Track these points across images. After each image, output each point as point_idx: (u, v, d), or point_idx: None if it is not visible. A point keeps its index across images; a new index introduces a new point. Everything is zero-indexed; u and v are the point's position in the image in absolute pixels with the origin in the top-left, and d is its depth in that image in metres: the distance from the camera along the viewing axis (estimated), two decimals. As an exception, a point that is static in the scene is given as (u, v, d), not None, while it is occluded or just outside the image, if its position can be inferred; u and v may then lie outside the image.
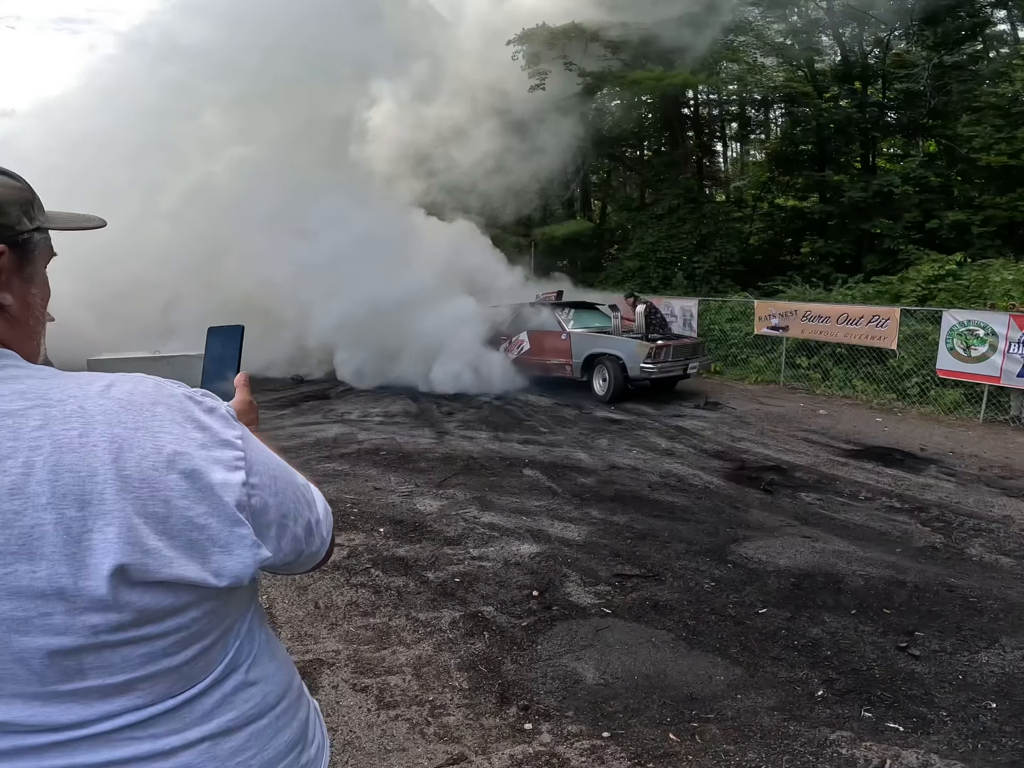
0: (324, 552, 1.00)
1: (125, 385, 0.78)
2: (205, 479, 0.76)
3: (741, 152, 27.04)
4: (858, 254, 16.68)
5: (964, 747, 2.70)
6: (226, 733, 0.84)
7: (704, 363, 11.31)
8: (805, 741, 2.73)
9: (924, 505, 5.67)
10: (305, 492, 0.95)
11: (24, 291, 0.85)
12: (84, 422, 0.73)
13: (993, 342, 8.87)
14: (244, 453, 0.81)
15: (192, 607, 0.78)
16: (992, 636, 3.56)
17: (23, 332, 0.85)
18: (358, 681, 3.13)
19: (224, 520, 0.77)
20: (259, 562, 0.81)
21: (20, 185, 0.85)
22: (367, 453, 7.21)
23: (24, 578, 0.68)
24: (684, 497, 5.84)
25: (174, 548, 0.74)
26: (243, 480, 0.79)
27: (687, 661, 3.33)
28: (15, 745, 0.72)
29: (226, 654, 0.87)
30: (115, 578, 0.70)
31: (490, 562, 4.47)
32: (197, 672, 0.82)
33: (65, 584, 0.69)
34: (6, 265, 0.81)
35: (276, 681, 0.94)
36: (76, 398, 0.74)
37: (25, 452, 0.70)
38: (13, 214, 0.82)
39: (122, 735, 0.77)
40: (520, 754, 2.64)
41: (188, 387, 0.84)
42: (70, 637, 0.71)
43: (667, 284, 17.74)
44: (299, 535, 0.90)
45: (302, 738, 0.97)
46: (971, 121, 14.53)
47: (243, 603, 0.91)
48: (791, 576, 4.28)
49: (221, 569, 0.77)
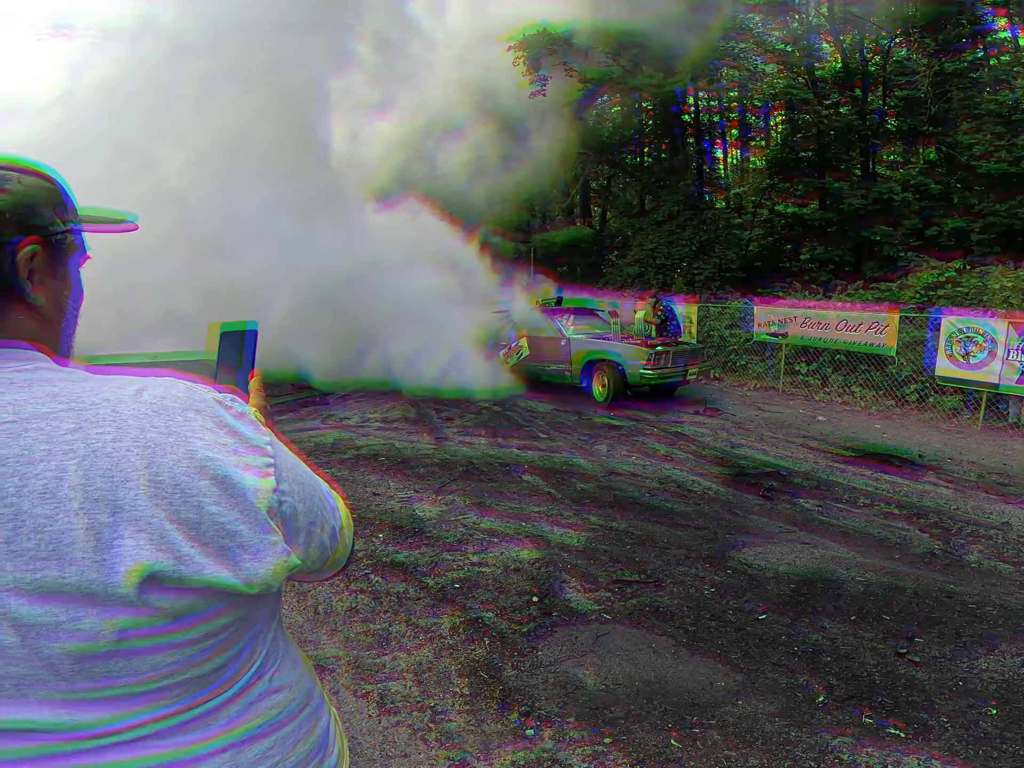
0: (346, 558, 1.01)
1: (157, 389, 0.79)
2: (237, 485, 0.76)
3: (741, 158, 27.11)
4: (857, 261, 16.71)
5: (965, 752, 2.70)
6: (250, 740, 0.84)
7: (703, 368, 11.29)
8: (807, 747, 2.73)
9: (922, 511, 5.68)
10: (328, 499, 0.95)
11: (57, 291, 0.85)
12: (117, 426, 0.73)
13: (991, 348, 8.89)
14: (274, 459, 0.81)
15: (221, 614, 0.78)
16: (991, 642, 3.56)
17: (55, 332, 0.86)
18: (359, 687, 3.13)
19: (255, 526, 0.77)
20: (289, 569, 0.81)
21: (50, 185, 0.86)
22: (366, 458, 7.21)
23: (54, 583, 0.68)
24: (683, 502, 5.85)
25: (206, 554, 0.74)
26: (274, 486, 0.79)
27: (688, 667, 3.34)
28: (42, 747, 0.72)
29: (253, 662, 0.86)
30: (145, 584, 0.70)
31: (490, 567, 4.47)
32: (225, 679, 0.82)
33: (95, 590, 0.69)
34: (39, 264, 0.81)
35: (300, 688, 0.94)
36: (109, 402, 0.75)
37: (59, 456, 0.70)
38: (46, 214, 0.83)
39: (148, 741, 0.76)
40: (522, 759, 2.64)
41: (217, 391, 0.85)
42: (99, 642, 0.71)
43: (667, 290, 17.75)
44: (325, 541, 0.90)
45: (323, 746, 0.97)
46: (971, 128, 14.57)
47: (270, 610, 0.91)
48: (791, 582, 4.29)
49: (252, 576, 0.77)
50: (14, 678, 0.70)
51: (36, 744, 0.72)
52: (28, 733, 0.72)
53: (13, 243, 0.78)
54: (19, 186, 0.81)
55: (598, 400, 10.50)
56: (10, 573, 0.68)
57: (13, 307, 0.80)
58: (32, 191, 0.82)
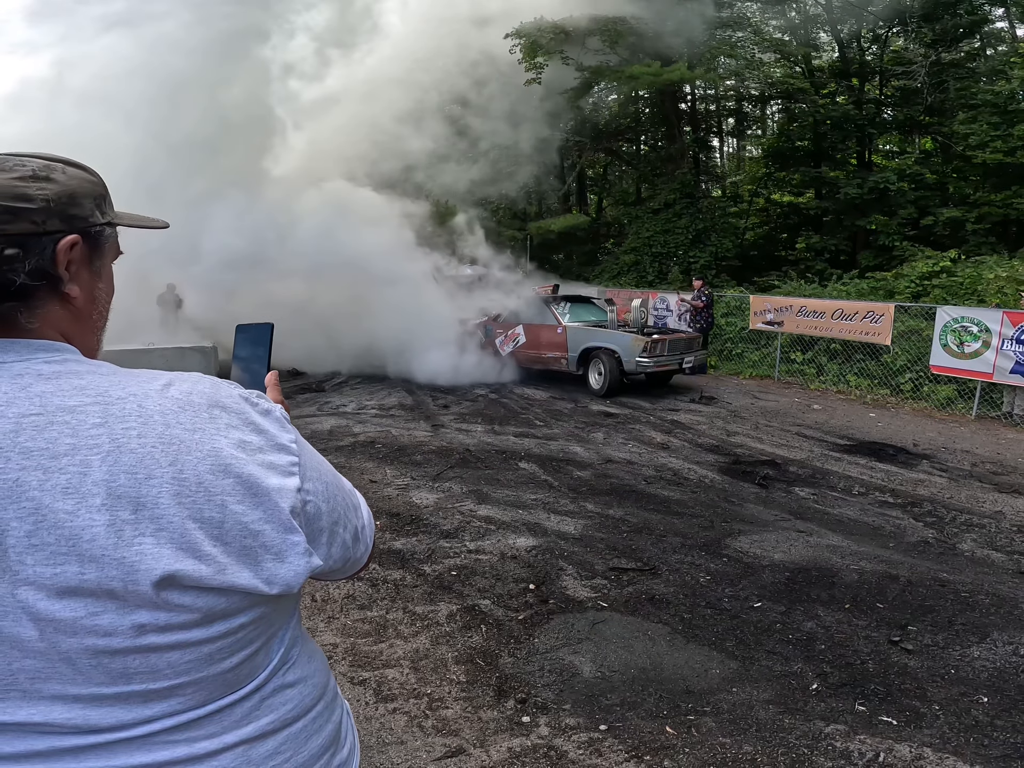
0: (366, 558, 1.00)
1: (183, 385, 0.78)
2: (261, 484, 0.75)
3: (738, 148, 27.07)
4: (853, 250, 16.75)
5: (956, 740, 2.73)
6: (262, 737, 0.84)
7: (700, 358, 11.28)
8: (800, 734, 2.75)
9: (917, 500, 5.71)
10: (351, 497, 0.94)
11: (92, 284, 0.85)
12: (143, 422, 0.72)
13: (986, 339, 8.92)
14: (299, 458, 0.81)
15: (241, 613, 0.77)
16: (984, 631, 3.59)
17: (86, 326, 0.85)
18: (356, 674, 3.14)
19: (278, 527, 0.76)
20: (311, 570, 0.80)
21: (94, 179, 0.86)
22: (363, 446, 7.21)
23: (73, 579, 0.68)
24: (679, 491, 5.87)
25: (228, 554, 0.73)
26: (298, 486, 0.79)
27: (683, 655, 3.36)
28: (53, 746, 0.72)
29: (270, 660, 0.86)
30: (165, 583, 0.70)
31: (487, 555, 4.48)
32: (241, 678, 0.82)
33: (115, 587, 0.69)
34: (77, 256, 0.80)
35: (313, 683, 0.94)
36: (136, 396, 0.74)
37: (84, 451, 0.69)
38: (87, 206, 0.82)
39: (159, 739, 0.76)
40: (518, 747, 2.66)
41: (243, 388, 0.84)
42: (118, 639, 0.70)
43: (663, 279, 17.76)
44: (347, 541, 0.90)
45: (335, 741, 0.96)
46: (967, 118, 14.57)
47: (289, 609, 0.90)
48: (786, 570, 4.31)
49: (273, 577, 0.77)
50: (30, 671, 0.70)
51: (47, 743, 0.72)
52: (39, 732, 0.72)
53: (54, 232, 0.77)
54: (63, 176, 0.81)
55: (594, 389, 10.51)
56: (31, 567, 0.67)
57: (49, 297, 0.79)
58: (75, 183, 0.82)
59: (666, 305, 14.34)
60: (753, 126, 24.16)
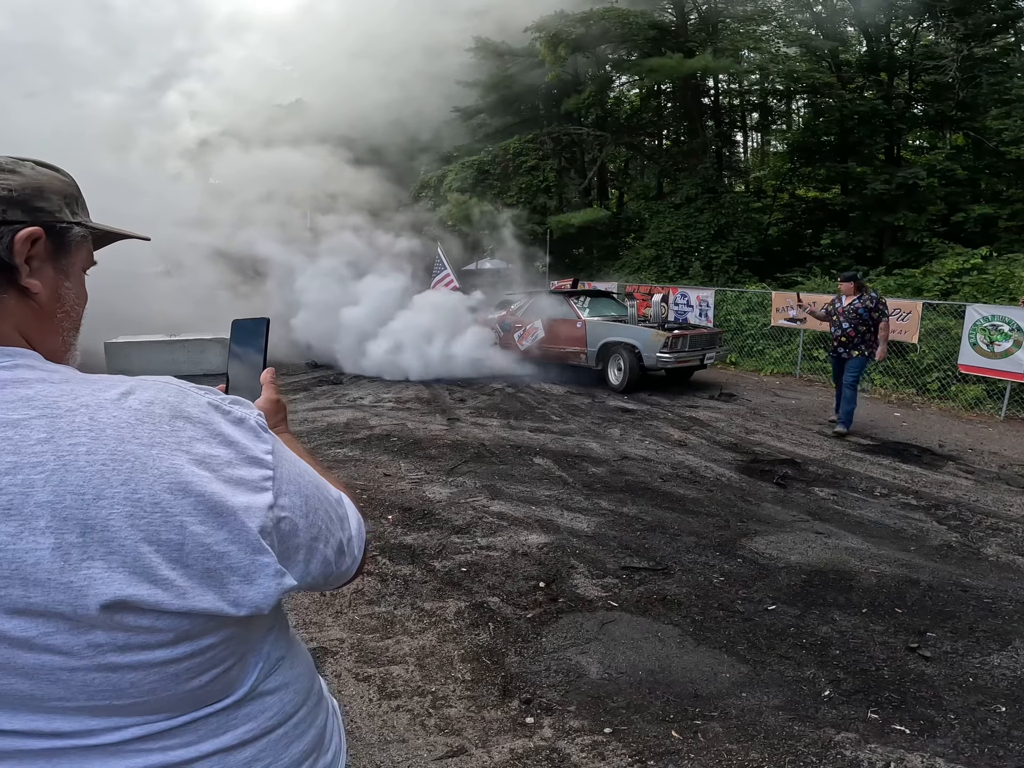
0: (355, 570, 0.95)
1: (144, 393, 0.72)
2: (226, 503, 0.70)
3: (761, 142, 26.73)
4: (880, 247, 16.45)
5: (970, 751, 2.65)
6: (240, 745, 0.81)
7: (721, 354, 11.19)
8: (809, 742, 2.68)
9: (941, 503, 5.58)
10: (337, 508, 0.89)
11: (57, 282, 0.81)
12: (93, 436, 0.67)
13: (1018, 338, 8.70)
14: (273, 471, 0.76)
15: (208, 634, 0.73)
16: (1006, 638, 3.49)
17: (49, 325, 0.81)
18: (361, 670, 3.12)
19: (245, 547, 0.72)
20: (283, 591, 0.76)
21: (66, 179, 0.85)
22: (378, 439, 7.21)
23: (20, 602, 0.64)
24: (695, 489, 5.79)
25: (189, 577, 0.69)
26: (270, 503, 0.74)
27: (693, 657, 3.30)
28: (21, 747, 0.70)
29: (247, 676, 0.82)
30: (117, 607, 0.66)
31: (498, 552, 4.45)
32: (215, 694, 0.78)
33: (64, 610, 0.65)
34: (40, 251, 0.78)
35: (296, 689, 0.90)
36: (87, 408, 0.69)
37: (26, 469, 0.65)
38: (55, 201, 0.81)
39: (132, 746, 0.73)
40: (520, 748, 2.62)
41: (216, 393, 0.79)
42: (75, 658, 0.67)
43: (684, 274, 17.59)
44: (329, 557, 0.85)
45: (318, 745, 0.93)
46: (1000, 114, 14.24)
47: (266, 624, 0.86)
48: (802, 572, 4.23)
49: (240, 599, 0.72)
50: None
51: (15, 744, 0.70)
52: (5, 735, 0.69)
53: (14, 223, 0.75)
54: (31, 172, 0.80)
55: (613, 384, 10.43)
56: None
57: (6, 288, 0.76)
58: (44, 179, 0.81)
59: (687, 300, 14.20)
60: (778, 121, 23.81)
